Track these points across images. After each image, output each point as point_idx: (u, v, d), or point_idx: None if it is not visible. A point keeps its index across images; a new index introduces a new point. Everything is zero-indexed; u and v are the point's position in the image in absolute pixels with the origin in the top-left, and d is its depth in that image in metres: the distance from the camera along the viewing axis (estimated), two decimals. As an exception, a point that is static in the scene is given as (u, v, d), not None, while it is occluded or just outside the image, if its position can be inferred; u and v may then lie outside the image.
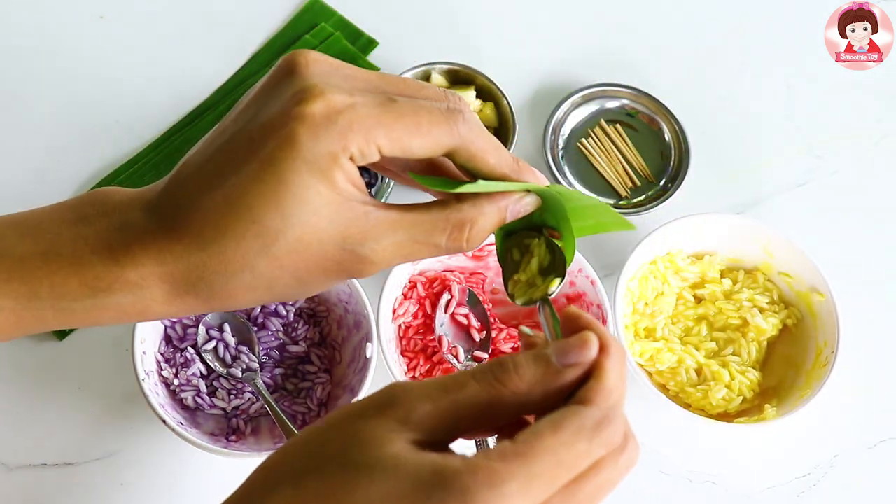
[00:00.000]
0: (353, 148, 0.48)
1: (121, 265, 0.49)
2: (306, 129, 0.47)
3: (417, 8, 1.04)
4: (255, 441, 0.80)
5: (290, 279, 0.50)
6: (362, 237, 0.49)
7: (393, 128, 0.48)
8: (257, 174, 0.48)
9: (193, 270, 0.49)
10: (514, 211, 0.52)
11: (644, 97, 0.99)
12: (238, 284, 0.50)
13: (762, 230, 0.90)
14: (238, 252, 0.48)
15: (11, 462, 0.80)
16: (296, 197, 0.47)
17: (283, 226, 0.48)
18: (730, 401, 0.86)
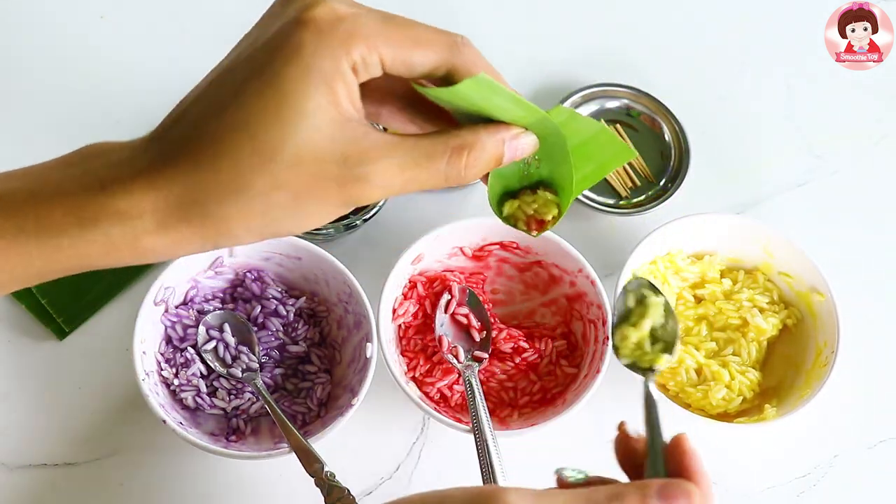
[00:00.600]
0: (356, 55, 0.47)
1: (109, 194, 0.48)
2: (311, 34, 0.47)
3: (417, 8, 1.03)
4: (255, 441, 0.80)
5: (286, 200, 0.48)
6: (362, 157, 0.48)
7: (396, 38, 0.48)
8: (258, 89, 0.47)
9: (187, 193, 0.48)
10: (512, 147, 0.51)
11: (644, 97, 0.99)
12: (232, 207, 0.48)
13: (762, 230, 0.90)
14: (234, 169, 0.47)
15: (11, 462, 0.80)
16: (296, 110, 0.47)
17: (282, 141, 0.47)
18: (730, 401, 0.86)
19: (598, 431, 0.87)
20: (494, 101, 0.50)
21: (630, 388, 0.86)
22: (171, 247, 0.49)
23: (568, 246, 0.85)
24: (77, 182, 0.49)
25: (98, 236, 0.48)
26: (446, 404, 0.84)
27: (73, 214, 0.48)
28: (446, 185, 0.50)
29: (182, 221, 0.48)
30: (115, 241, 0.48)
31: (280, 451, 0.75)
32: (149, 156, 0.49)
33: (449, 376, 0.84)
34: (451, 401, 0.84)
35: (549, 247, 0.86)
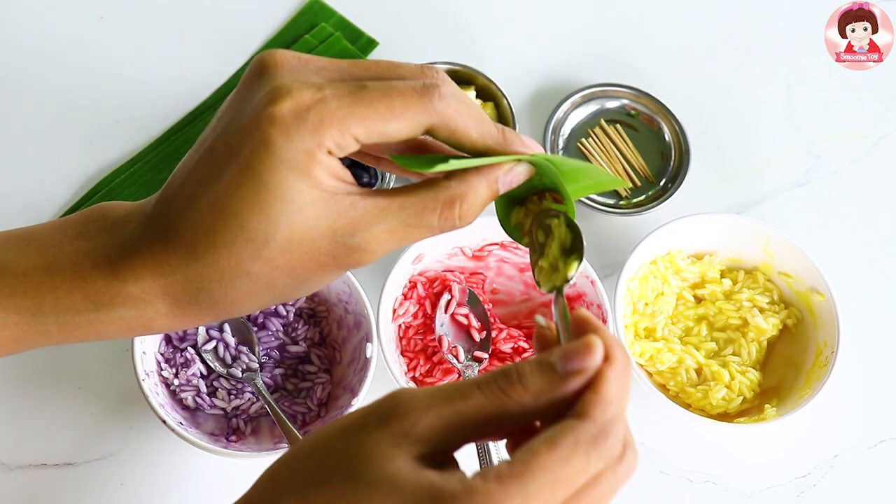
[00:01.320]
0: (329, 142, 0.48)
1: (121, 279, 0.50)
2: (278, 130, 0.47)
3: (418, 8, 1.04)
4: (255, 441, 0.80)
5: (287, 279, 0.50)
6: (352, 228, 0.49)
7: (366, 115, 0.48)
8: (238, 179, 0.48)
9: (192, 281, 0.49)
10: (506, 182, 0.51)
11: (644, 97, 0.99)
12: (238, 291, 0.50)
13: (762, 230, 0.90)
14: (231, 259, 0.49)
15: (11, 462, 0.80)
16: (278, 198, 0.47)
17: (271, 228, 0.48)
18: (730, 401, 0.86)
19: (598, 431, 0.87)
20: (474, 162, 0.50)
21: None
22: (183, 324, 0.51)
23: (568, 246, 0.85)
24: (90, 261, 0.50)
25: (114, 318, 0.51)
26: (446, 404, 0.84)
27: (90, 299, 0.50)
28: (441, 232, 0.51)
29: (192, 305, 0.50)
30: (129, 323, 0.51)
31: (280, 451, 0.75)
32: (149, 238, 0.50)
33: (449, 376, 0.84)
34: (451, 401, 0.84)
35: (549, 247, 0.86)
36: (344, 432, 0.45)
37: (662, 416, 0.85)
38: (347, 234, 0.49)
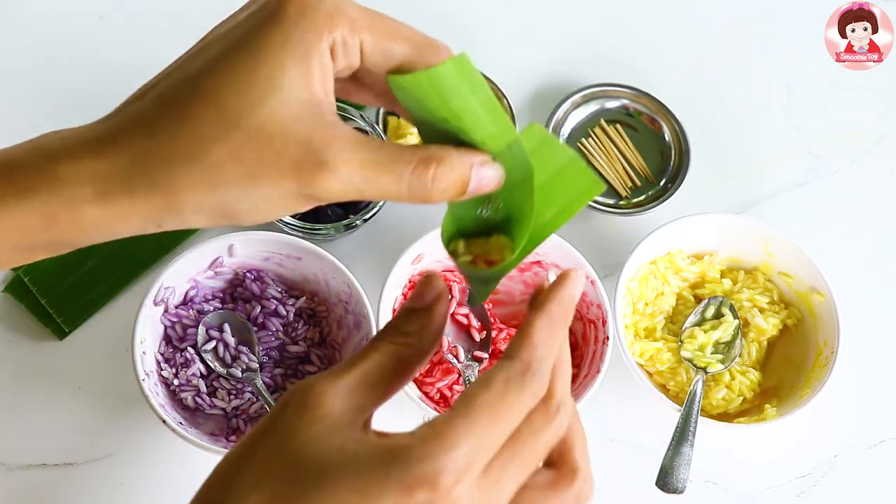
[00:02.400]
0: (338, 33, 0.46)
1: (53, 160, 0.46)
2: (294, 7, 0.46)
3: (418, 8, 1.03)
4: (255, 441, 0.80)
5: (240, 175, 0.45)
6: (326, 143, 0.46)
7: (378, 27, 0.48)
8: (234, 59, 0.46)
9: (135, 161, 0.45)
10: (479, 176, 0.49)
11: (644, 97, 0.99)
12: (182, 176, 0.45)
13: (762, 230, 0.90)
14: (192, 136, 0.45)
15: (11, 462, 0.80)
16: (269, 80, 0.45)
17: (249, 109, 0.45)
18: (730, 401, 0.86)
19: (598, 431, 0.87)
20: (470, 101, 0.48)
21: (630, 388, 0.86)
22: (112, 221, 0.46)
23: (568, 246, 0.85)
24: (25, 154, 0.47)
25: (36, 205, 0.46)
26: (446, 404, 0.84)
27: (12, 185, 0.46)
28: (409, 196, 0.48)
29: (125, 191, 0.46)
30: (52, 211, 0.46)
31: (280, 451, 0.75)
32: (104, 126, 0.47)
33: (449, 376, 0.84)
34: (451, 401, 0.84)
35: (548, 247, 0.86)
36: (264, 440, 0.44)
37: (662, 415, 0.85)
38: (319, 148, 0.45)
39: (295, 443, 0.43)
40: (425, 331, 0.48)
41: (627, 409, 0.88)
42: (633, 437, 0.87)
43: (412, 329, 0.48)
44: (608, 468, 0.85)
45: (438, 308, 0.49)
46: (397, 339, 0.47)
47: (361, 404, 0.44)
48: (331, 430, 0.43)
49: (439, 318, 0.49)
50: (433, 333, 0.49)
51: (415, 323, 0.48)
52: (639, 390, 0.85)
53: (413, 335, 0.48)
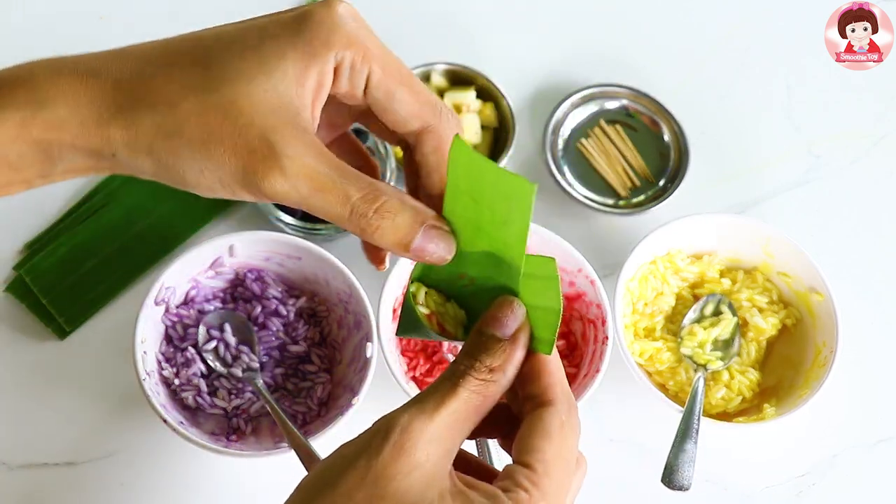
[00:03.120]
0: (349, 53, 0.47)
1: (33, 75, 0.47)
2: (323, 11, 0.47)
3: (418, 8, 1.04)
4: (255, 441, 0.80)
5: (196, 135, 0.46)
6: (288, 140, 0.46)
7: (392, 67, 0.49)
8: (244, 31, 0.47)
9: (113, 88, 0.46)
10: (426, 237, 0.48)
11: (644, 97, 0.99)
12: (147, 116, 0.46)
13: (761, 230, 0.90)
14: (171, 82, 0.46)
15: (12, 462, 0.81)
16: (261, 63, 0.46)
17: (230, 82, 0.46)
18: (729, 400, 0.86)
19: (598, 430, 0.87)
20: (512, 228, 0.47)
21: (629, 387, 0.86)
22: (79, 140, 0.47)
23: (567, 245, 0.86)
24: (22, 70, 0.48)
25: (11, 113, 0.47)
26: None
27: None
28: (349, 221, 0.47)
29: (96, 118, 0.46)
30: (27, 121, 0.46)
31: (280, 451, 0.76)
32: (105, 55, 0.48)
33: (449, 376, 0.84)
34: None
35: (548, 247, 0.86)
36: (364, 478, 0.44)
37: (662, 415, 0.85)
38: (279, 143, 0.46)
39: (392, 491, 0.43)
40: (509, 364, 0.47)
41: (627, 408, 0.88)
42: (632, 437, 0.87)
43: (498, 363, 0.47)
44: (608, 467, 0.85)
45: (522, 339, 0.48)
46: (483, 374, 0.47)
47: (450, 448, 0.45)
48: (427, 481, 0.44)
49: (522, 350, 0.48)
50: (516, 366, 0.48)
51: (500, 356, 0.47)
52: (638, 390, 0.85)
53: (498, 370, 0.47)
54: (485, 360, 0.47)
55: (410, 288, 0.51)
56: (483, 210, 0.47)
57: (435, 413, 0.45)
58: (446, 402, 0.45)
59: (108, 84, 0.47)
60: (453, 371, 0.47)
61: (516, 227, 0.47)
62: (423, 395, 0.46)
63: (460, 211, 0.48)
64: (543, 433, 0.47)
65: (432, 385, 0.47)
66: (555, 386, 0.48)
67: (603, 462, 0.86)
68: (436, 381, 0.47)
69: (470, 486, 0.45)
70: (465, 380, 0.46)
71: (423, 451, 0.44)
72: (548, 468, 0.46)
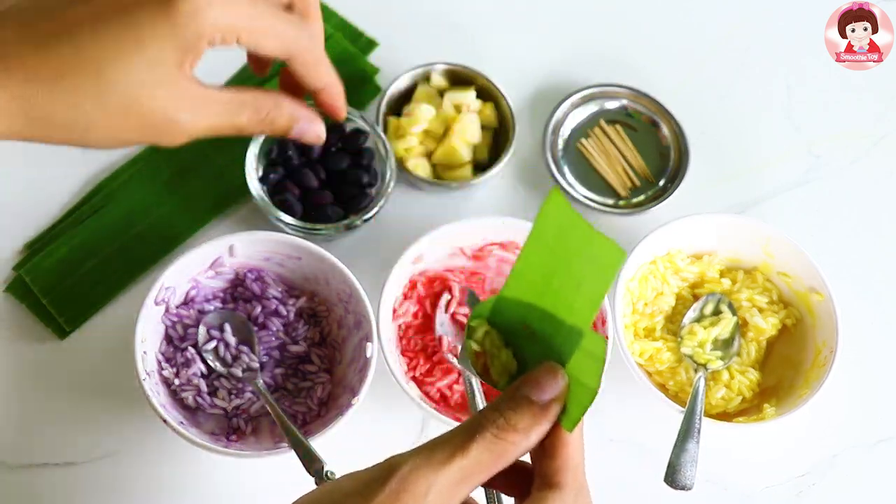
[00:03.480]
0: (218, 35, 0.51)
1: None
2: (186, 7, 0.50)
3: (418, 8, 1.04)
4: (255, 441, 0.81)
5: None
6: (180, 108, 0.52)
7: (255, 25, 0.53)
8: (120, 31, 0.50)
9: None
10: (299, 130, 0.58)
11: (644, 97, 0.99)
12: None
13: (761, 230, 0.90)
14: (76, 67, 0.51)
15: (12, 461, 0.81)
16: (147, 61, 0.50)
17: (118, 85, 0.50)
18: (729, 400, 0.86)
19: (598, 430, 0.87)
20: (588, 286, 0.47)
21: (629, 387, 0.86)
22: None
23: (567, 246, 0.86)
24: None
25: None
26: (446, 404, 0.84)
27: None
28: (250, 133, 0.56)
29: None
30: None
31: (280, 451, 0.76)
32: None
33: (449, 376, 0.84)
34: (450, 400, 0.85)
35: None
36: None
37: (662, 415, 0.85)
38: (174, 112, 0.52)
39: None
40: (534, 430, 0.46)
41: (627, 408, 0.88)
42: (632, 437, 0.87)
43: (524, 425, 0.45)
44: (607, 468, 0.85)
45: (554, 410, 0.46)
46: (507, 434, 0.45)
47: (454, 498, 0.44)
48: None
49: (550, 422, 0.46)
50: (540, 435, 0.46)
51: (528, 419, 0.45)
52: (638, 390, 0.85)
53: (522, 432, 0.45)
54: (510, 417, 0.45)
55: (471, 322, 0.51)
56: (560, 267, 0.47)
57: (442, 466, 0.43)
58: (456, 457, 0.44)
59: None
60: (473, 422, 0.45)
61: (591, 291, 0.46)
62: (437, 442, 0.45)
63: (537, 262, 0.47)
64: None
65: (451, 432, 0.46)
66: (567, 471, 0.46)
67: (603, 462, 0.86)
68: (455, 429, 0.46)
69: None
70: (482, 435, 0.44)
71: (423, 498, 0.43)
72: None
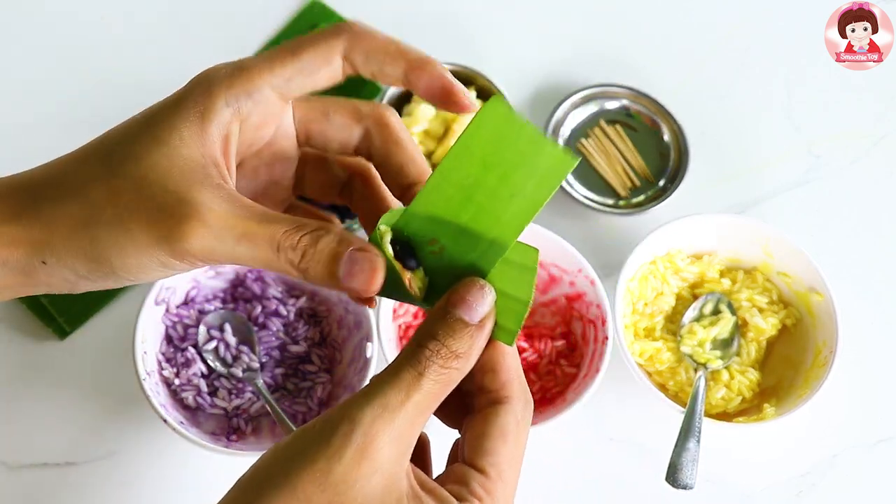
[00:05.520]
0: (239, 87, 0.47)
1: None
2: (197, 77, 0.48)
3: (418, 8, 1.04)
4: (255, 440, 0.81)
5: (112, 216, 0.46)
6: (202, 196, 0.45)
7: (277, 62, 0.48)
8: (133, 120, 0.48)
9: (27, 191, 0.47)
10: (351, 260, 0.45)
11: (644, 97, 0.99)
12: (62, 209, 0.46)
13: (761, 230, 0.90)
14: (79, 176, 0.47)
15: (12, 462, 0.81)
16: (156, 137, 0.46)
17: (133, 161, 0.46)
18: (729, 400, 0.86)
19: (598, 431, 0.87)
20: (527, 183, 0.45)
21: (629, 387, 0.86)
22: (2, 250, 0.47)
23: (567, 246, 0.86)
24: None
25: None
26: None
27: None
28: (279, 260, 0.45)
29: (14, 218, 0.47)
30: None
31: (280, 451, 0.76)
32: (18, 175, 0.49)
33: (449, 376, 0.84)
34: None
35: (548, 246, 0.86)
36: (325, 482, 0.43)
37: (661, 415, 0.85)
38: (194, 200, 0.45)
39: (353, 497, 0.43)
40: (473, 352, 0.46)
41: (627, 408, 0.88)
42: (632, 437, 0.87)
43: (465, 350, 0.45)
44: (607, 467, 0.86)
45: (488, 327, 0.47)
46: (452, 362, 0.45)
47: (409, 444, 0.45)
48: (387, 484, 0.43)
49: (486, 339, 0.47)
50: (478, 355, 0.46)
51: (467, 341, 0.45)
52: (638, 390, 0.85)
53: (464, 356, 0.45)
54: (451, 344, 0.45)
55: (379, 226, 0.48)
56: (489, 179, 0.45)
57: (399, 409, 0.43)
58: (411, 396, 0.44)
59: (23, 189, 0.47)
60: (417, 356, 0.45)
61: (527, 201, 0.45)
62: (385, 383, 0.44)
63: (456, 176, 0.46)
64: (499, 434, 0.46)
65: (394, 370, 0.45)
66: (513, 382, 0.47)
67: (603, 462, 0.86)
68: (397, 365, 0.45)
69: (425, 489, 0.45)
70: (429, 368, 0.44)
71: (384, 453, 0.43)
72: (501, 473, 0.46)
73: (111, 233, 0.46)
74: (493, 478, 0.46)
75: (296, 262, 0.45)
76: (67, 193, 0.46)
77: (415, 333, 0.46)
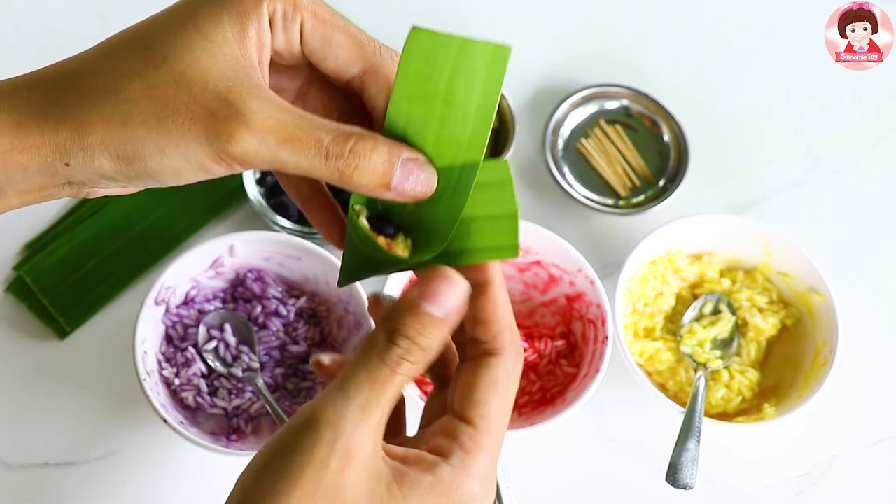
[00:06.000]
0: (279, 4, 0.46)
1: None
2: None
3: (417, 8, 1.04)
4: (255, 440, 0.81)
5: (150, 114, 0.44)
6: (247, 97, 0.44)
7: (322, 11, 0.47)
8: (173, 8, 0.46)
9: (54, 93, 0.45)
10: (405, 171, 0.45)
11: (643, 98, 0.99)
12: (95, 110, 0.44)
13: (761, 230, 0.90)
14: (113, 71, 0.44)
15: (12, 462, 0.81)
16: (200, 30, 0.44)
17: (174, 53, 0.44)
18: (729, 400, 0.86)
19: (598, 431, 0.87)
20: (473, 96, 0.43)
21: (629, 387, 0.86)
22: (22, 152, 0.45)
23: (567, 246, 0.86)
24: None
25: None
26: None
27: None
28: (326, 169, 0.44)
29: (37, 120, 0.44)
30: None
31: (280, 451, 0.76)
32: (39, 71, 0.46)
33: (449, 376, 0.84)
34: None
35: (548, 246, 0.86)
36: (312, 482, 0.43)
37: (661, 415, 0.85)
38: (238, 101, 0.43)
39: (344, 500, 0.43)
40: (441, 342, 0.45)
41: (627, 408, 0.88)
42: (632, 437, 0.87)
43: (431, 344, 0.45)
44: (607, 467, 0.86)
45: (456, 319, 0.46)
46: (419, 357, 0.44)
47: (382, 432, 0.44)
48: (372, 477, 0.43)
49: (453, 327, 0.46)
50: (443, 345, 0.46)
51: (434, 336, 0.44)
52: (638, 390, 0.85)
53: (430, 351, 0.45)
54: (422, 342, 0.44)
55: (353, 206, 0.47)
56: (435, 110, 0.44)
57: (376, 408, 0.43)
58: (385, 393, 0.44)
59: (46, 86, 0.45)
60: (390, 353, 0.44)
61: (480, 110, 0.44)
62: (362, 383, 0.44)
63: (402, 122, 0.45)
64: (490, 385, 0.46)
65: (366, 366, 0.44)
66: (504, 333, 0.46)
67: (603, 462, 0.86)
68: (368, 361, 0.44)
69: (404, 462, 0.45)
70: (401, 365, 0.44)
71: (365, 450, 0.43)
72: (490, 425, 0.45)
73: (149, 133, 0.44)
74: (483, 430, 0.45)
75: (346, 171, 0.44)
76: (98, 90, 0.44)
77: (383, 320, 0.45)
